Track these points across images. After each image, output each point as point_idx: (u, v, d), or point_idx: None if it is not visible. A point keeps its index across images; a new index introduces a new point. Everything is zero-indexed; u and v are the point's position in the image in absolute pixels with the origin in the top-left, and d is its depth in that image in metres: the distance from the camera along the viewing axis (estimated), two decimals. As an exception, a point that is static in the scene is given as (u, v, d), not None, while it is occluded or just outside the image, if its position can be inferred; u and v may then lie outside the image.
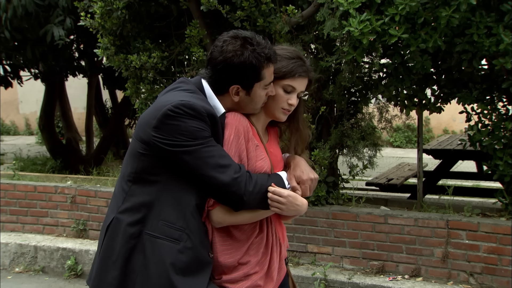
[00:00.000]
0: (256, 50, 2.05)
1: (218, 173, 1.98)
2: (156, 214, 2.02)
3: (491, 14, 3.85)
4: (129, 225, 2.02)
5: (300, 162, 2.26)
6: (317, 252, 4.72)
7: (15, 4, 5.93)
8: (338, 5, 3.90)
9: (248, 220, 2.12)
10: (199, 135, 1.98)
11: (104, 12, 4.78)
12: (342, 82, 4.39)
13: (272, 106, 2.19)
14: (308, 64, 2.23)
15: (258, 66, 2.06)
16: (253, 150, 2.13)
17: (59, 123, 11.10)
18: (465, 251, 4.24)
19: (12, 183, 5.89)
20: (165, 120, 1.97)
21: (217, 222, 2.10)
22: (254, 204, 2.07)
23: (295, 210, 2.11)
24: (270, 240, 2.20)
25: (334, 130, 4.86)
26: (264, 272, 2.16)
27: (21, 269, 5.45)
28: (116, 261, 2.02)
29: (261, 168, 2.13)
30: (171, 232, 2.00)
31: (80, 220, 5.57)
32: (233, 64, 2.05)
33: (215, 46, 2.10)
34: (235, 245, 2.13)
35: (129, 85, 5.05)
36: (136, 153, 2.05)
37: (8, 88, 8.57)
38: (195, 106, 1.98)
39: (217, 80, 2.11)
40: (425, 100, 4.59)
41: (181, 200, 2.02)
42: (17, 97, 16.25)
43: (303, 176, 2.19)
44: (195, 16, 4.76)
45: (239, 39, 2.07)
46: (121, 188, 2.10)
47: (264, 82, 2.11)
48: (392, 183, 6.56)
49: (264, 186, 2.06)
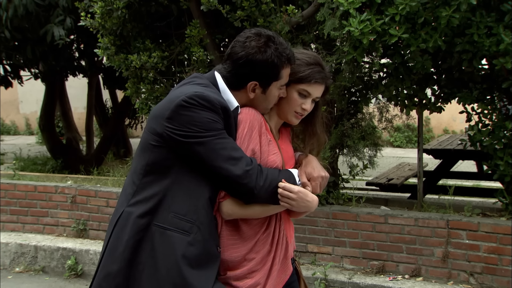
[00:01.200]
0: (279, 50, 2.08)
1: (230, 165, 1.99)
2: (167, 206, 2.02)
3: (491, 14, 3.85)
4: (138, 216, 2.02)
5: (312, 160, 2.28)
6: (317, 252, 4.73)
7: (16, 4, 5.93)
8: (338, 5, 3.90)
9: (258, 214, 2.13)
10: (212, 127, 1.98)
11: (105, 12, 4.78)
12: (342, 82, 4.39)
13: (286, 109, 2.21)
14: (327, 71, 2.24)
15: (279, 65, 2.09)
16: (265, 144, 2.14)
17: (59, 123, 11.11)
18: (465, 251, 4.24)
19: (12, 183, 5.90)
20: (179, 110, 1.98)
21: (227, 214, 2.11)
22: (264, 198, 2.07)
23: (306, 206, 2.12)
24: (276, 238, 2.21)
25: (334, 130, 4.86)
26: (267, 271, 2.16)
27: (21, 269, 5.45)
28: (123, 252, 2.02)
29: (274, 162, 2.15)
30: (182, 224, 2.00)
31: (81, 220, 5.57)
32: (255, 60, 2.07)
33: (237, 42, 2.11)
34: (242, 239, 2.13)
35: (129, 85, 5.05)
36: (148, 146, 2.05)
37: (8, 88, 8.58)
38: (209, 98, 1.99)
39: (236, 75, 2.12)
40: (425, 100, 4.59)
41: (193, 193, 2.02)
42: (17, 97, 16.26)
43: (314, 173, 2.21)
44: (195, 16, 4.76)
45: (263, 36, 2.09)
46: (131, 182, 2.10)
47: (281, 82, 2.14)
48: (392, 183, 6.56)
49: (274, 181, 2.07)
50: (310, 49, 4.76)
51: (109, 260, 2.06)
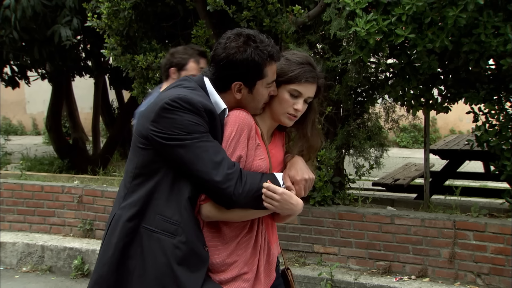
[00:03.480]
0: (259, 48, 2.07)
1: (211, 169, 1.98)
2: (154, 208, 2.04)
3: (498, 14, 3.84)
4: (127, 220, 2.04)
5: (296, 162, 2.23)
6: (323, 253, 4.72)
7: (24, 5, 5.96)
8: (344, 5, 3.90)
9: (237, 218, 2.11)
10: (194, 130, 1.99)
11: (111, 12, 4.79)
12: (349, 82, 4.39)
13: (278, 110, 2.18)
14: (318, 70, 2.21)
15: (261, 63, 2.07)
16: (252, 148, 2.12)
17: (66, 123, 11.15)
18: (472, 251, 4.22)
19: (19, 183, 5.92)
20: (162, 113, 1.99)
21: (206, 217, 2.09)
22: (244, 204, 2.05)
23: (289, 209, 2.08)
24: (259, 242, 2.18)
25: (341, 130, 4.85)
26: (254, 273, 2.15)
27: (28, 268, 5.48)
28: (113, 255, 2.04)
29: (258, 167, 2.12)
30: (167, 226, 2.02)
31: (87, 220, 5.58)
32: (235, 61, 2.06)
33: (219, 43, 2.12)
34: (223, 241, 2.12)
35: (136, 85, 5.07)
36: (136, 148, 2.08)
37: (15, 88, 8.62)
38: (192, 101, 1.99)
39: (220, 77, 2.12)
40: (432, 100, 4.57)
41: (178, 195, 2.03)
42: (24, 97, 16.35)
43: (297, 176, 2.17)
44: (202, 16, 4.77)
45: (242, 36, 2.09)
46: (123, 185, 2.13)
47: (267, 81, 2.12)
48: (398, 183, 6.55)
49: (255, 186, 2.05)
50: (316, 49, 4.77)
51: (100, 263, 2.10)
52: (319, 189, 4.63)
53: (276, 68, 2.13)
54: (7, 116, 16.58)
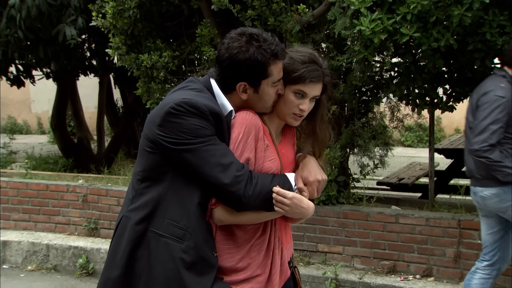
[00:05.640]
0: (262, 47, 2.04)
1: (219, 172, 1.96)
2: (162, 212, 2.02)
3: (504, 13, 3.82)
4: (136, 223, 2.03)
5: (309, 163, 2.20)
6: (328, 252, 4.72)
7: (29, 4, 5.98)
8: (349, 4, 3.89)
9: (250, 221, 2.08)
10: (200, 133, 1.97)
11: (116, 11, 4.80)
12: (353, 81, 4.38)
13: (283, 110, 2.14)
14: (324, 68, 2.15)
15: (264, 63, 2.04)
16: (261, 150, 2.09)
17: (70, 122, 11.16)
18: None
19: (24, 181, 5.95)
20: (168, 117, 1.98)
21: (219, 220, 2.07)
22: (254, 206, 2.03)
23: (300, 213, 2.06)
24: (272, 243, 2.16)
25: (345, 130, 4.84)
26: (267, 276, 2.12)
27: (33, 267, 5.50)
28: (121, 259, 2.03)
29: (269, 169, 2.09)
30: (176, 231, 2.01)
31: (92, 218, 5.60)
32: (238, 61, 2.03)
33: (222, 44, 2.09)
34: (237, 245, 2.09)
35: (140, 84, 5.07)
36: (144, 152, 2.06)
37: (20, 87, 8.64)
38: (197, 104, 1.98)
39: (224, 78, 2.10)
40: (437, 99, 4.56)
41: (186, 199, 2.02)
42: (29, 96, 16.39)
43: (310, 178, 2.14)
44: (206, 16, 4.77)
45: (245, 35, 2.06)
46: (131, 187, 2.12)
47: (272, 79, 2.08)
48: (403, 182, 6.53)
49: (265, 188, 2.02)
50: (321, 48, 4.76)
51: (108, 266, 2.09)
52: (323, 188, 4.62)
53: (281, 66, 2.09)
54: (12, 115, 16.63)
